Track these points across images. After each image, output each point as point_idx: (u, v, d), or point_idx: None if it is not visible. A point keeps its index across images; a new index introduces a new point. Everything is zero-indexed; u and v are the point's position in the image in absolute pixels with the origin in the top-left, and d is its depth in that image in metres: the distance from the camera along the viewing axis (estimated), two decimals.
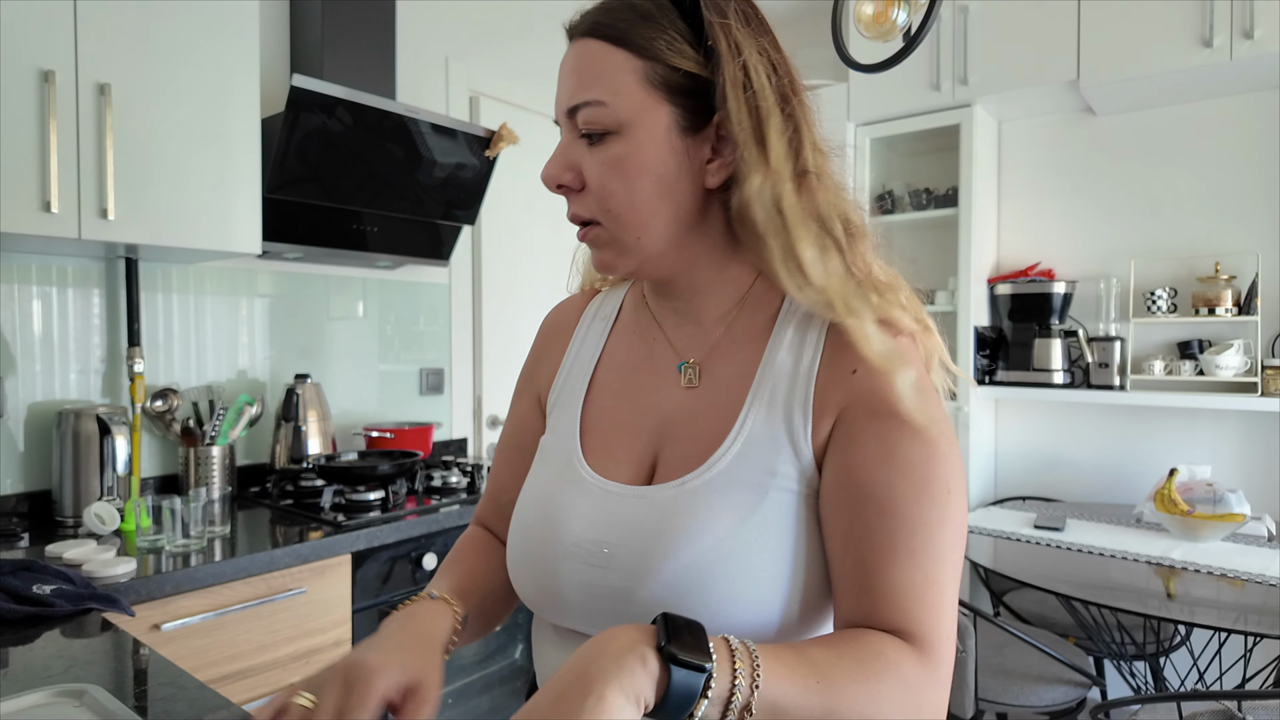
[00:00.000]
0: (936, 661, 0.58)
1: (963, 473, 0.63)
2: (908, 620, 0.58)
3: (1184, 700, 1.40)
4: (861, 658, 0.55)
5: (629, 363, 0.75)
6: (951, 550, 0.60)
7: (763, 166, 0.62)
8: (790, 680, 0.52)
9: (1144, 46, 2.35)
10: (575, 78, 0.65)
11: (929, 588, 0.59)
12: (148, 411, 1.93)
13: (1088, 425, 2.79)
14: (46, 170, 1.48)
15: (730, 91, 0.62)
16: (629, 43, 0.63)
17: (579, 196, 0.67)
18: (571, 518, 0.68)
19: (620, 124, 0.64)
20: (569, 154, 0.67)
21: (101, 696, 0.85)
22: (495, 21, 2.82)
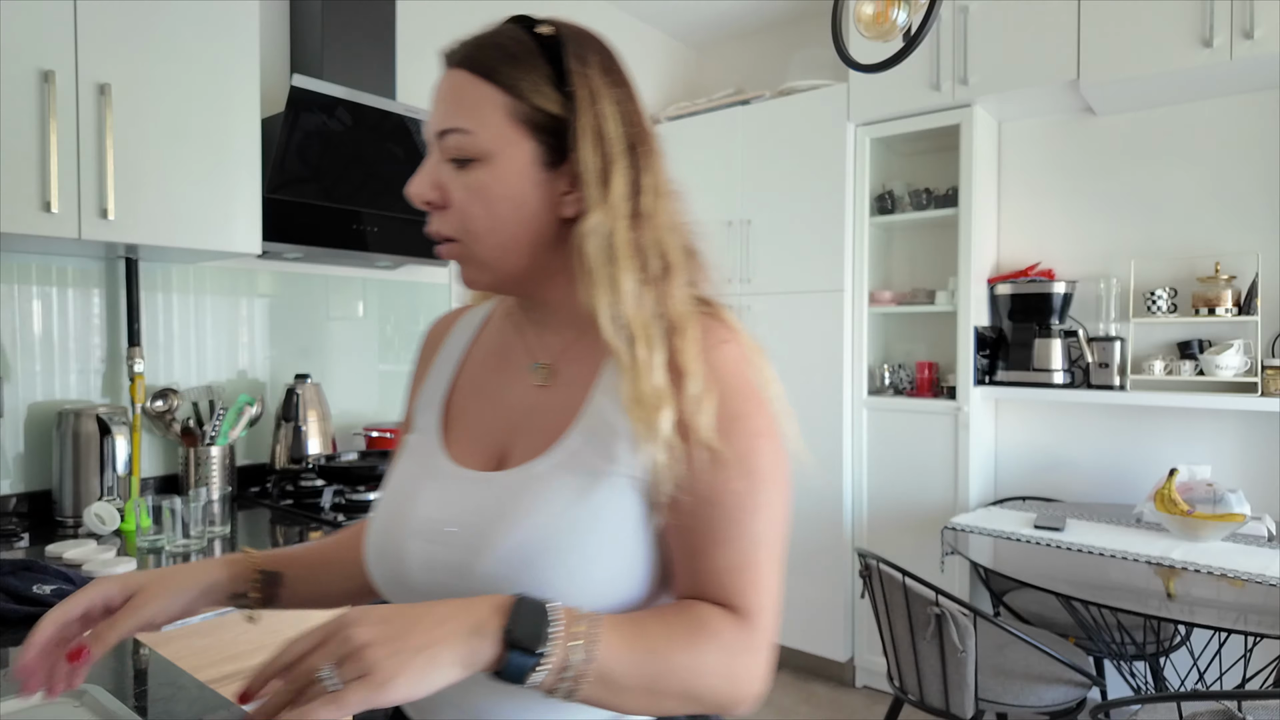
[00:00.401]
0: (754, 630, 0.66)
1: (783, 463, 0.70)
2: (729, 596, 0.66)
3: (1184, 700, 1.40)
4: (688, 629, 0.63)
5: (489, 364, 0.82)
6: (768, 534, 0.68)
7: (602, 205, 0.69)
8: (623, 652, 0.59)
9: (1144, 46, 2.35)
10: (445, 104, 0.71)
11: (747, 568, 0.67)
12: (148, 411, 1.93)
13: (1088, 425, 2.79)
14: (47, 170, 1.48)
15: (583, 137, 0.69)
16: (497, 79, 0.69)
17: (442, 214, 0.72)
18: (423, 501, 0.74)
19: (485, 153, 0.69)
20: (436, 173, 0.72)
21: (102, 696, 0.85)
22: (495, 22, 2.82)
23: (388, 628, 0.55)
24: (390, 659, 0.53)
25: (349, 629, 0.54)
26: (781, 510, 0.70)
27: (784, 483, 0.70)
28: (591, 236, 0.68)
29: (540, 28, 0.72)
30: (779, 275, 3.11)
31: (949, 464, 2.77)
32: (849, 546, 2.97)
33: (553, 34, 0.72)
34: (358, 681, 0.52)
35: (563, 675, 0.57)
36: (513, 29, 0.72)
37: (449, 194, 0.71)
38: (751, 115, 3.18)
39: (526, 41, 0.71)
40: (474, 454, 0.76)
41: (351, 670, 0.53)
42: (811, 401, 3.03)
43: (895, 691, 2.03)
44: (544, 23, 0.73)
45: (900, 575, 1.89)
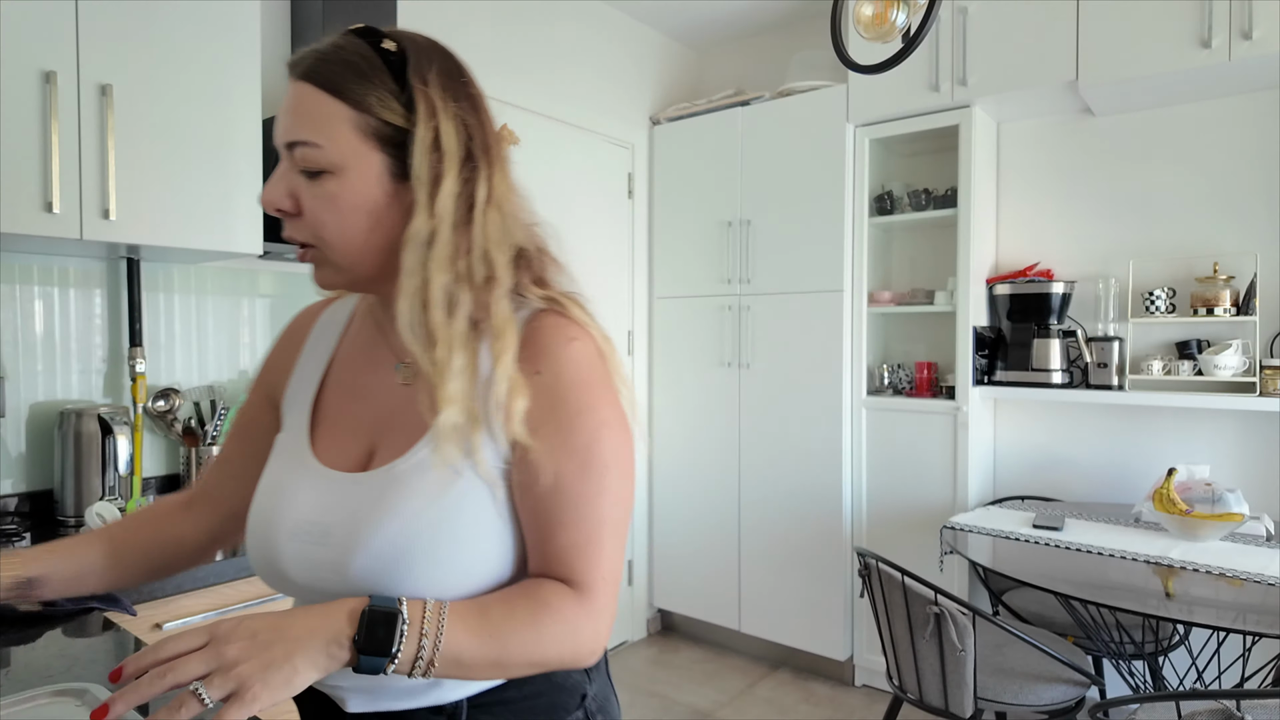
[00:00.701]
0: (592, 601, 0.72)
1: (626, 450, 0.76)
2: (571, 572, 0.73)
3: (1183, 699, 1.40)
4: (530, 609, 0.70)
5: (356, 364, 0.85)
6: (610, 515, 0.74)
7: (427, 213, 0.72)
8: (468, 637, 0.66)
9: (1143, 47, 2.36)
10: (293, 117, 0.72)
11: (588, 546, 0.73)
12: (149, 411, 1.94)
13: (1086, 425, 2.79)
14: (48, 171, 1.48)
15: (418, 149, 0.72)
16: (344, 94, 0.72)
17: (296, 221, 0.75)
18: (296, 503, 0.77)
19: (334, 165, 0.72)
20: (288, 182, 0.74)
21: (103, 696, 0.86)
22: (496, 22, 2.82)
23: (254, 643, 0.61)
24: (256, 674, 0.59)
25: (223, 645, 0.60)
26: (624, 493, 0.76)
27: (627, 468, 0.76)
28: (409, 243, 0.71)
29: (385, 42, 0.74)
30: (779, 275, 3.11)
31: (948, 464, 2.78)
32: (848, 546, 2.98)
33: (397, 49, 0.74)
34: (229, 702, 0.58)
35: (415, 664, 0.64)
36: (358, 43, 0.74)
37: (301, 202, 0.73)
38: (751, 116, 3.18)
39: (372, 57, 0.73)
40: (342, 454, 0.80)
41: (221, 686, 0.59)
42: (811, 401, 3.03)
43: (894, 690, 2.03)
44: (388, 36, 0.75)
45: (899, 574, 1.90)
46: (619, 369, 0.79)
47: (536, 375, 0.74)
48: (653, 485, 3.56)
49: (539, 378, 0.74)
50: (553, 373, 0.74)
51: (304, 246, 0.76)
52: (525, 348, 0.74)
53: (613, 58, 3.33)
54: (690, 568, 3.42)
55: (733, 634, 3.37)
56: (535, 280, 0.80)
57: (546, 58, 3.03)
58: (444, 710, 0.76)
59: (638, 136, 3.45)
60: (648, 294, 3.55)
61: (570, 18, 3.13)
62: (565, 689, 0.81)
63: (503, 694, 0.77)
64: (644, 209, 3.51)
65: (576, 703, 0.82)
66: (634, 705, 2.88)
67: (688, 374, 3.42)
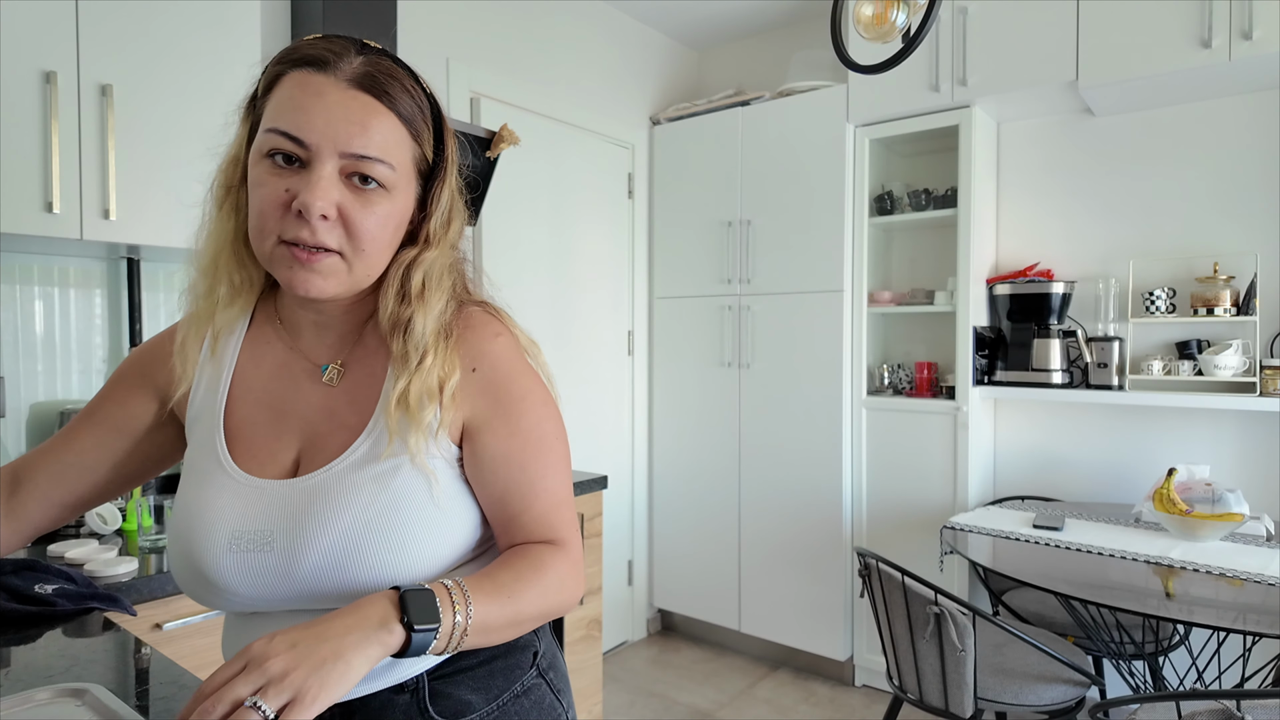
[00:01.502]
0: (570, 552, 0.82)
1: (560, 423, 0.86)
2: (550, 533, 0.82)
3: (1183, 699, 1.40)
4: (531, 569, 0.77)
5: (264, 374, 0.85)
6: (563, 480, 0.84)
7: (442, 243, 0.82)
8: (490, 603, 0.72)
9: (1143, 47, 2.36)
10: (362, 131, 0.74)
11: (557, 509, 0.83)
12: None
13: (1086, 425, 2.79)
14: (49, 171, 1.48)
15: (443, 190, 0.82)
16: (411, 127, 0.78)
17: (330, 227, 0.74)
18: (226, 516, 0.77)
19: (393, 186, 0.77)
20: (339, 190, 0.74)
21: (103, 696, 0.86)
22: (496, 22, 2.82)
23: (298, 651, 0.62)
24: (310, 676, 0.60)
25: (266, 661, 0.61)
26: (567, 460, 0.86)
27: (564, 440, 0.86)
28: (423, 266, 0.80)
29: (426, 85, 0.81)
30: (779, 275, 3.11)
31: (948, 464, 2.78)
32: (848, 546, 2.98)
33: (429, 95, 0.81)
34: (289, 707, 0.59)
35: (452, 636, 0.68)
36: (415, 80, 0.79)
37: (345, 212, 0.74)
38: (751, 116, 3.18)
39: (423, 100, 0.80)
40: (267, 462, 0.81)
41: (278, 697, 0.59)
42: (811, 401, 3.04)
43: (894, 690, 2.03)
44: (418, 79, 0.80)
45: (899, 574, 1.90)
46: (542, 361, 0.87)
47: (474, 373, 0.81)
48: (653, 485, 3.56)
49: (476, 374, 0.81)
50: (489, 367, 0.81)
51: (326, 251, 0.74)
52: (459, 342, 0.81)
53: (613, 58, 3.33)
54: (690, 568, 3.42)
55: (733, 634, 3.37)
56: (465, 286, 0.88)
57: (547, 58, 3.03)
58: (405, 687, 0.79)
59: (638, 136, 3.45)
60: (648, 294, 3.55)
61: (570, 18, 3.13)
62: (518, 648, 0.87)
63: (460, 663, 0.82)
64: (644, 209, 3.51)
65: (530, 661, 0.88)
66: (634, 705, 2.88)
67: (688, 374, 3.42)
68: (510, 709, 0.84)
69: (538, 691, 0.88)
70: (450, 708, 0.80)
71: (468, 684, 0.82)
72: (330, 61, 0.73)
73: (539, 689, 0.88)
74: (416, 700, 0.79)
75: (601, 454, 3.33)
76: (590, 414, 3.28)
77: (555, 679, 0.91)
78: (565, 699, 0.92)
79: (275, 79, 0.75)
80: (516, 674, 0.86)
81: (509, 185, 2.85)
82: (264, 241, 0.75)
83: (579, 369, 3.22)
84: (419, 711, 0.79)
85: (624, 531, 3.46)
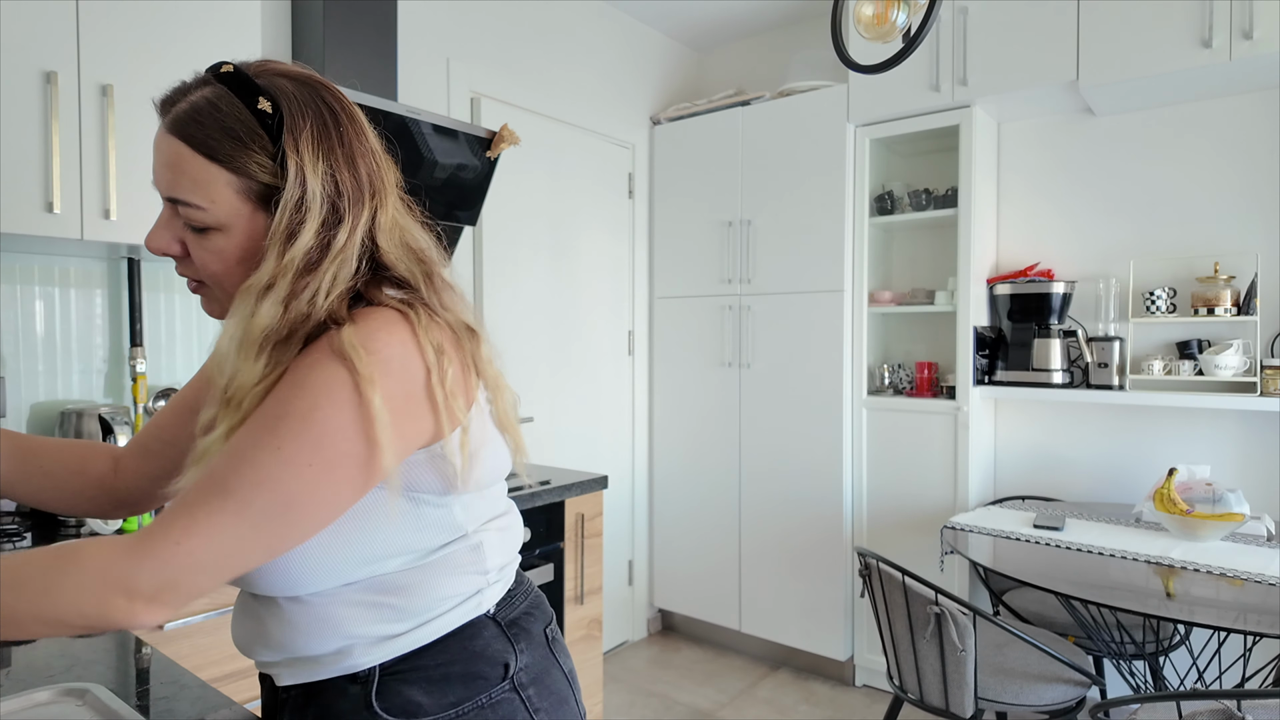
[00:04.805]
0: (145, 550, 0.66)
1: (314, 438, 0.68)
2: (158, 515, 0.71)
3: (1183, 699, 1.40)
4: (52, 562, 0.66)
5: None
6: (234, 484, 0.68)
7: (272, 265, 0.73)
8: None
9: (1144, 47, 2.36)
10: (172, 175, 0.74)
11: (192, 498, 0.68)
12: (150, 411, 1.94)
13: (1087, 425, 2.79)
14: (49, 171, 1.48)
15: (282, 208, 0.73)
16: (223, 161, 0.73)
17: (186, 263, 0.79)
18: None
19: (220, 224, 0.74)
20: (173, 229, 0.77)
21: (104, 695, 0.86)
22: (496, 22, 2.82)
23: None
24: None
25: None
26: (284, 485, 0.68)
27: (304, 464, 0.68)
28: (243, 292, 0.73)
29: (261, 102, 0.73)
30: (779, 275, 3.11)
31: (948, 464, 2.78)
32: (848, 546, 2.98)
33: (273, 110, 0.74)
34: None
35: None
36: (235, 104, 0.73)
37: (189, 249, 0.77)
38: (752, 116, 3.18)
39: (249, 121, 0.73)
40: None
41: None
42: (811, 401, 3.03)
43: (895, 690, 2.03)
44: (263, 92, 0.74)
45: (900, 574, 1.90)
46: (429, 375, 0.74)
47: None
48: (653, 485, 3.56)
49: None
50: (295, 360, 0.73)
51: (194, 282, 0.80)
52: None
53: (613, 58, 3.33)
54: (690, 567, 3.42)
55: (733, 634, 3.37)
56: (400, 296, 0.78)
57: (547, 57, 3.03)
58: (358, 678, 0.79)
59: (638, 136, 3.45)
60: (648, 294, 3.55)
61: (571, 17, 3.13)
62: (484, 658, 0.82)
63: (416, 661, 0.80)
64: (644, 209, 3.51)
65: (500, 674, 0.83)
66: (634, 705, 2.88)
67: (688, 374, 3.42)
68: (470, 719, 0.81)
69: (508, 707, 0.82)
70: (398, 705, 0.78)
71: (420, 684, 0.79)
72: (163, 107, 0.77)
73: (509, 704, 0.83)
74: (365, 692, 0.78)
75: (602, 454, 3.33)
76: (590, 414, 3.28)
77: (536, 696, 0.85)
78: (545, 718, 0.86)
79: None
80: (479, 685, 0.81)
81: (509, 185, 2.85)
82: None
83: (579, 369, 3.22)
84: (365, 705, 0.78)
85: (624, 531, 3.46)
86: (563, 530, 2.32)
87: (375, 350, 0.70)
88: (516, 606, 0.89)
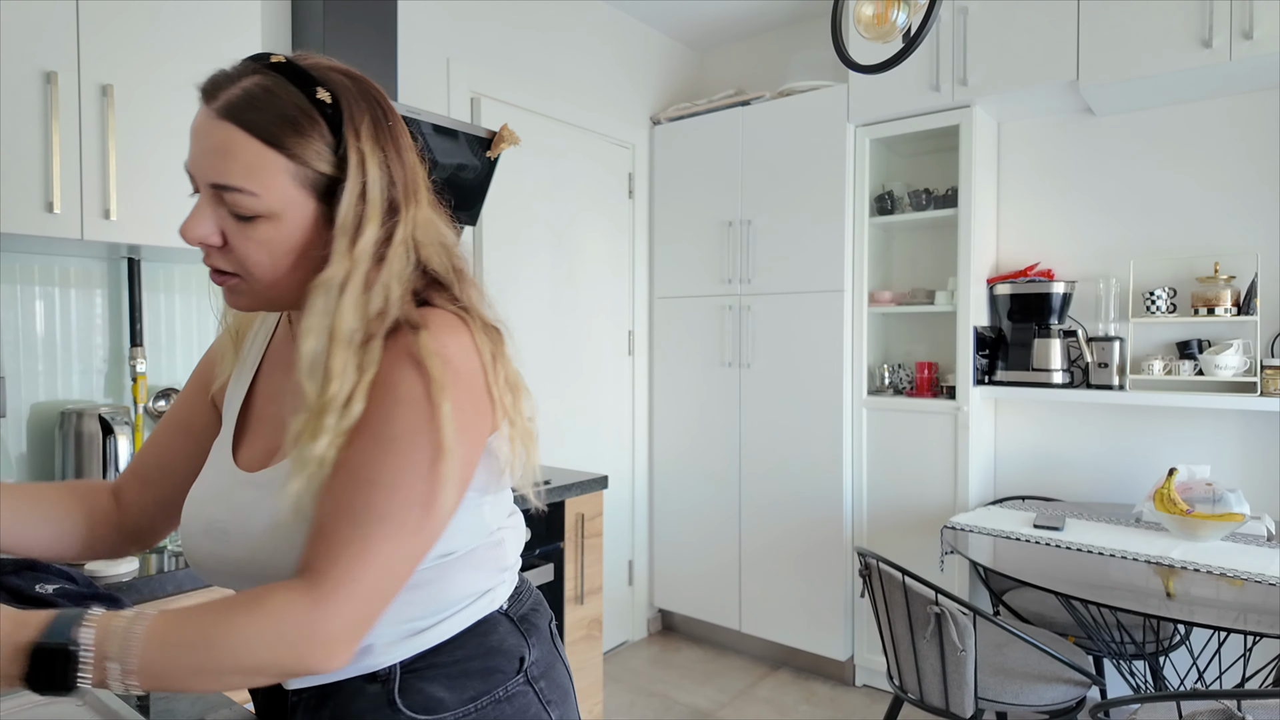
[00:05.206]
0: (326, 599, 0.67)
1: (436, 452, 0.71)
2: (316, 558, 0.69)
3: (1183, 699, 1.40)
4: (245, 610, 0.66)
5: (277, 367, 0.88)
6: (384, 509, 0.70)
7: (346, 258, 0.73)
8: (165, 651, 0.64)
9: (1144, 47, 2.36)
10: (221, 160, 0.72)
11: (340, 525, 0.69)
12: (150, 412, 1.94)
13: (1087, 425, 2.79)
14: (49, 171, 1.48)
15: (346, 200, 0.73)
16: (282, 147, 0.72)
17: (221, 253, 0.75)
18: (205, 502, 0.81)
19: (270, 212, 0.73)
20: (217, 219, 0.74)
21: (104, 695, 0.86)
22: (496, 22, 2.82)
23: None
24: None
25: None
26: (417, 493, 0.71)
27: (433, 469, 0.71)
28: (321, 288, 0.73)
29: (320, 92, 0.74)
30: (779, 275, 3.11)
31: (948, 464, 2.78)
32: (849, 546, 2.98)
33: (331, 100, 0.74)
34: None
35: (106, 686, 0.64)
36: (293, 93, 0.73)
37: (229, 239, 0.74)
38: (752, 116, 3.18)
39: (309, 109, 0.73)
40: (257, 455, 0.82)
41: None
42: (811, 401, 3.03)
43: (895, 690, 2.03)
44: (320, 84, 0.74)
45: (900, 574, 1.90)
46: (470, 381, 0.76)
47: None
48: (653, 485, 3.56)
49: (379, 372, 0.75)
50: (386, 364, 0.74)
51: (226, 275, 0.76)
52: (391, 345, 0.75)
53: (613, 58, 3.33)
54: (691, 567, 3.42)
55: (733, 634, 3.37)
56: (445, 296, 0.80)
57: (547, 58, 3.03)
58: (377, 677, 0.79)
59: (638, 136, 3.45)
60: (648, 294, 3.55)
61: (571, 17, 3.13)
62: (501, 652, 0.84)
63: (434, 658, 0.80)
64: (644, 209, 3.51)
65: (515, 667, 0.85)
66: (634, 705, 2.88)
67: (688, 374, 3.42)
68: (489, 713, 0.82)
69: (522, 700, 0.85)
70: (420, 703, 0.79)
71: (441, 681, 0.80)
72: (210, 91, 0.74)
73: (524, 697, 0.85)
74: (386, 691, 0.78)
75: (602, 454, 3.33)
76: (590, 414, 3.28)
77: (547, 689, 0.88)
78: (558, 711, 0.88)
79: None
80: (497, 678, 0.83)
81: (509, 185, 2.85)
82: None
83: (579, 369, 3.22)
84: (387, 703, 0.78)
85: (624, 531, 3.46)
86: (563, 530, 2.31)
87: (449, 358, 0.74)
88: (524, 603, 0.91)
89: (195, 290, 2.06)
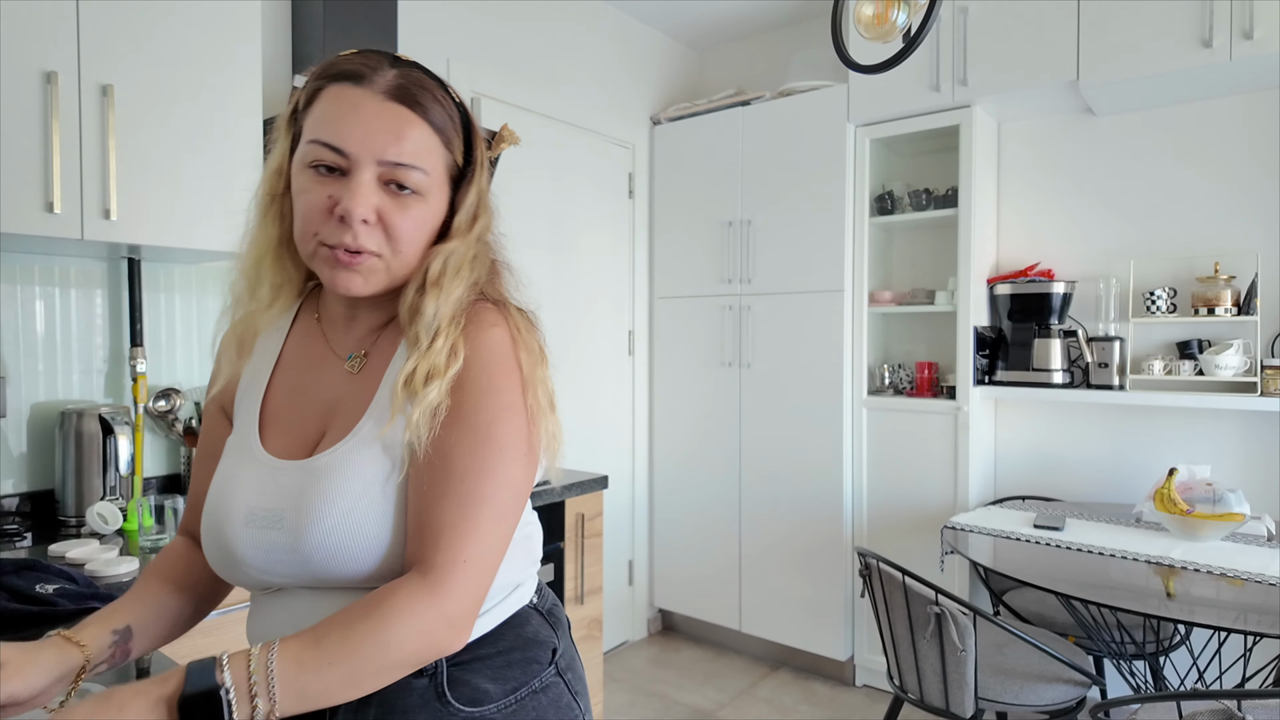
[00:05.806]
0: (445, 588, 0.73)
1: (524, 439, 0.79)
2: (434, 551, 0.74)
3: (1184, 699, 1.40)
4: (371, 616, 0.70)
5: (302, 365, 0.90)
6: (491, 496, 0.76)
7: (464, 237, 0.84)
8: (304, 673, 0.67)
9: (1144, 47, 2.36)
10: (397, 140, 0.78)
11: (460, 523, 0.74)
12: (150, 411, 1.94)
13: (1087, 425, 2.79)
14: (49, 171, 1.48)
15: (469, 194, 0.85)
16: (444, 137, 0.82)
17: (371, 231, 0.78)
18: (246, 492, 0.81)
19: (427, 191, 0.81)
20: (378, 196, 0.79)
21: None
22: (496, 22, 2.82)
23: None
24: None
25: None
26: (514, 479, 0.78)
27: (523, 456, 0.79)
28: (442, 255, 0.81)
29: (457, 96, 0.85)
30: (779, 275, 3.11)
31: (949, 464, 2.78)
32: (849, 546, 2.98)
33: (464, 104, 0.86)
34: None
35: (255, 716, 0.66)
36: (443, 90, 0.83)
37: (384, 216, 0.79)
38: (752, 116, 3.18)
39: (453, 107, 0.84)
40: (290, 445, 0.84)
41: None
42: (812, 401, 3.03)
43: (895, 690, 2.03)
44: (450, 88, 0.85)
45: (900, 574, 1.90)
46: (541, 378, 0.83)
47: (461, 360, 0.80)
48: (653, 485, 3.56)
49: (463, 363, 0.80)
50: (468, 355, 0.79)
51: (366, 254, 0.79)
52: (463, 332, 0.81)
53: (613, 58, 3.33)
54: (691, 567, 3.42)
55: (733, 634, 3.37)
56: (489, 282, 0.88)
57: (547, 57, 3.03)
58: (424, 672, 0.80)
59: (638, 136, 3.45)
60: (648, 294, 3.55)
61: (571, 17, 3.13)
62: (538, 643, 0.88)
63: (478, 651, 0.83)
64: (644, 209, 3.51)
65: (549, 657, 0.89)
66: (634, 705, 2.88)
67: (688, 374, 3.42)
68: (528, 704, 0.84)
69: (555, 690, 0.88)
70: (468, 695, 0.81)
71: (485, 672, 0.82)
72: (365, 75, 0.78)
73: (557, 688, 0.88)
74: (434, 685, 0.80)
75: (602, 454, 3.33)
76: (590, 414, 3.28)
77: (574, 680, 0.91)
78: (584, 702, 0.92)
79: (315, 93, 0.80)
80: (535, 669, 0.86)
81: (509, 185, 2.84)
82: (307, 244, 0.80)
83: (579, 369, 3.22)
84: (436, 696, 0.80)
85: (624, 531, 3.46)
86: (563, 530, 2.32)
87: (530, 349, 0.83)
88: (547, 598, 0.95)
89: (195, 290, 2.06)
